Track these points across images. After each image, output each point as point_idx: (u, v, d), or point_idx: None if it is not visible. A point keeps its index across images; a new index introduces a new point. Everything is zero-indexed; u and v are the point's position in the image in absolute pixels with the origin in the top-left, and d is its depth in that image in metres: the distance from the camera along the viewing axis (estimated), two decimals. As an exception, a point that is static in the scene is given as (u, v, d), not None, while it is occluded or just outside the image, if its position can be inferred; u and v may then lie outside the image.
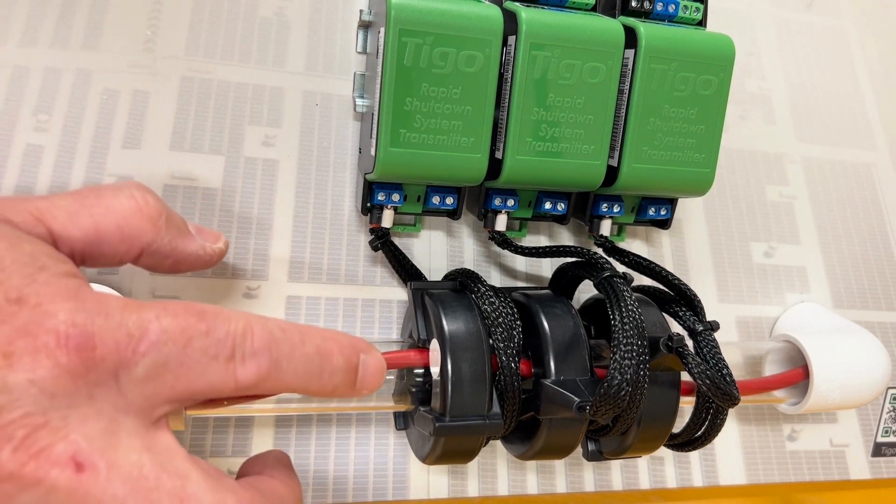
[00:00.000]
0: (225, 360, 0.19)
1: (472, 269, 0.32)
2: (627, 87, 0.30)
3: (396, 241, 0.32)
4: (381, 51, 0.27)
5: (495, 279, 0.34)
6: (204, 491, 0.19)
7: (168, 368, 0.19)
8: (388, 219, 0.30)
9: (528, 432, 0.28)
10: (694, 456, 0.35)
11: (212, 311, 0.20)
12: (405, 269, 0.32)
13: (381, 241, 0.31)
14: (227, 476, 0.20)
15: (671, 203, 0.33)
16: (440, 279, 0.31)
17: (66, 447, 0.17)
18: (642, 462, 0.35)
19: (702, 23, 0.32)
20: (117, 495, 0.17)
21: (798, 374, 0.32)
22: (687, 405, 0.30)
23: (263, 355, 0.20)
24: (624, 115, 0.30)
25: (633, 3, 0.30)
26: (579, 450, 0.30)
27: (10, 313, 0.17)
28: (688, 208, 0.37)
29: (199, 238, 0.25)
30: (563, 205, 0.32)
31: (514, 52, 0.28)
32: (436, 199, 0.30)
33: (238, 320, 0.20)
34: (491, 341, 0.26)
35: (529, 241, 0.34)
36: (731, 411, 0.33)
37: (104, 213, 0.22)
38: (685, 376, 0.28)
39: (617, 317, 0.26)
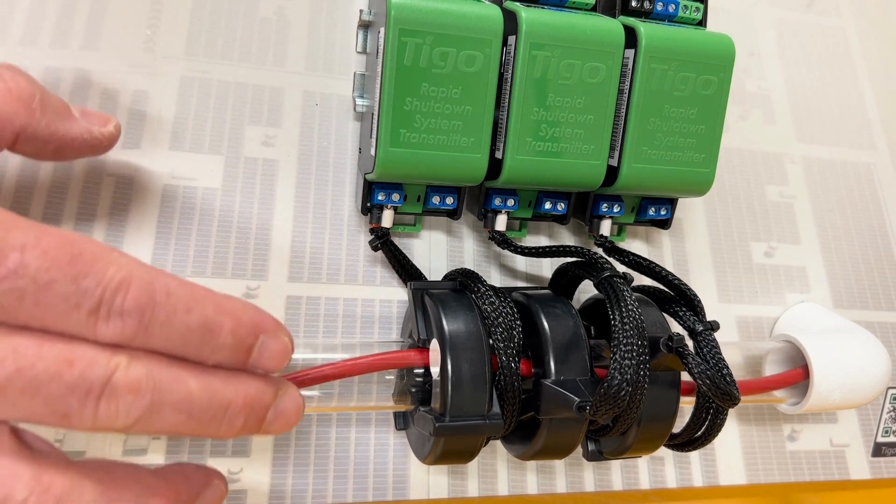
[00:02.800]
0: (87, 313, 0.17)
1: (472, 269, 0.32)
2: (627, 86, 0.30)
3: (396, 241, 0.32)
4: (381, 51, 0.27)
5: (495, 279, 0.34)
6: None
7: (18, 304, 0.17)
8: (388, 219, 0.30)
9: (528, 432, 0.28)
10: (694, 456, 0.35)
11: (91, 253, 0.18)
12: (405, 269, 0.32)
13: (381, 241, 0.31)
14: (59, 455, 0.19)
15: (671, 203, 0.33)
16: (440, 279, 0.31)
17: None
18: (642, 462, 0.35)
19: (702, 23, 0.32)
20: None
21: (798, 374, 0.32)
22: (687, 405, 0.30)
23: (132, 316, 0.18)
24: (624, 114, 0.30)
25: (633, 3, 0.30)
26: (579, 450, 0.30)
27: None
28: (688, 208, 0.37)
29: (84, 121, 0.23)
30: (563, 205, 0.32)
31: (514, 52, 0.28)
32: (436, 199, 0.30)
33: (117, 271, 0.18)
34: (491, 341, 0.26)
35: (529, 241, 0.34)
36: (731, 411, 0.33)
37: None
38: (685, 376, 0.28)
39: (617, 317, 0.26)
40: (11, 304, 0.17)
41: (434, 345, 0.26)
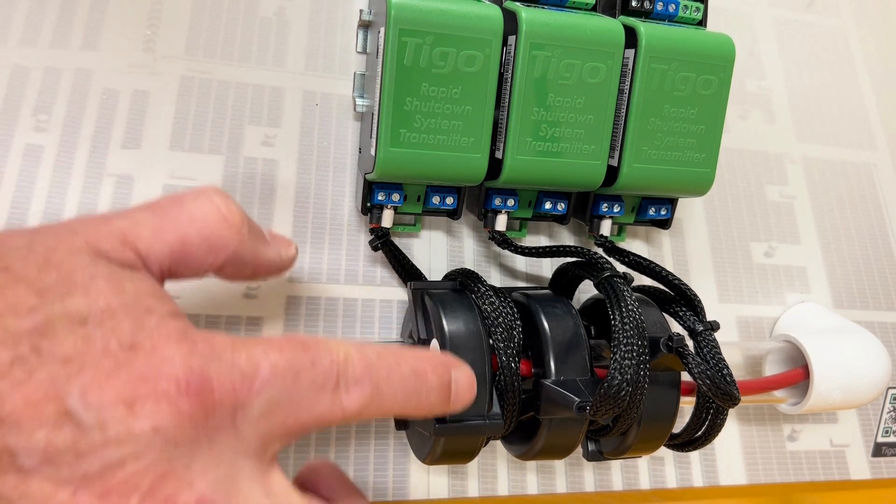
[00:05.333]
0: (332, 391, 0.20)
1: (472, 269, 0.32)
2: (627, 86, 0.30)
3: (396, 241, 0.32)
4: (381, 51, 0.27)
5: (495, 279, 0.34)
6: None
7: (281, 405, 0.19)
8: (388, 219, 0.30)
9: (528, 432, 0.28)
10: (694, 456, 0.35)
11: (313, 341, 0.20)
12: (405, 269, 0.32)
13: (381, 241, 0.31)
14: (350, 497, 0.21)
15: (671, 203, 0.33)
16: (440, 279, 0.31)
17: (191, 495, 0.17)
18: (642, 462, 0.35)
19: (702, 23, 0.32)
20: None
21: (798, 374, 0.32)
22: (687, 405, 0.30)
23: (365, 382, 0.20)
24: (624, 114, 0.30)
25: (634, 3, 0.30)
26: (579, 450, 0.30)
27: (126, 360, 0.17)
28: (688, 208, 0.37)
29: (275, 244, 0.24)
30: (563, 205, 0.32)
31: (514, 52, 0.28)
32: (436, 199, 0.30)
33: (338, 348, 0.20)
34: (491, 341, 0.26)
35: (529, 241, 0.34)
36: (731, 411, 0.33)
37: (188, 224, 0.21)
38: (685, 376, 0.28)
39: (617, 317, 0.26)
40: (272, 409, 0.19)
41: (434, 345, 0.26)
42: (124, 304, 0.18)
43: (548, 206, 0.32)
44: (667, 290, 0.30)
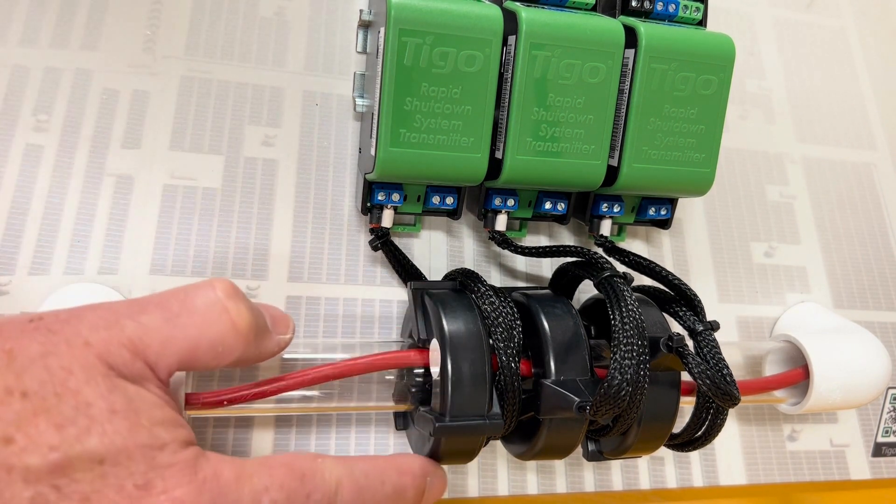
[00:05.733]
0: None
1: (472, 269, 0.32)
2: (627, 86, 0.30)
3: (396, 241, 0.32)
4: (381, 51, 0.27)
5: (495, 279, 0.34)
6: None
7: None
8: (388, 219, 0.30)
9: (528, 432, 0.28)
10: (694, 456, 0.35)
11: (310, 469, 0.21)
12: (405, 269, 0.32)
13: (381, 241, 0.31)
14: None
15: (671, 203, 0.33)
16: (440, 279, 0.31)
17: None
18: (642, 462, 0.35)
19: (702, 23, 0.32)
20: None
21: (798, 374, 0.32)
22: (687, 405, 0.30)
23: None
24: (624, 114, 0.30)
25: (633, 3, 0.30)
26: (579, 450, 0.30)
27: (139, 497, 0.18)
28: (688, 208, 0.37)
29: (275, 332, 0.24)
30: (563, 205, 0.32)
31: (514, 52, 0.28)
32: (436, 199, 0.30)
33: (331, 475, 0.22)
34: (491, 341, 0.26)
35: (529, 241, 0.34)
36: (731, 411, 0.33)
37: (198, 334, 0.21)
38: (685, 376, 0.28)
39: (617, 317, 0.26)
40: None
41: (434, 345, 0.26)
42: (139, 443, 0.19)
43: (548, 206, 0.32)
44: (667, 290, 0.30)
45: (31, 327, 0.19)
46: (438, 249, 0.33)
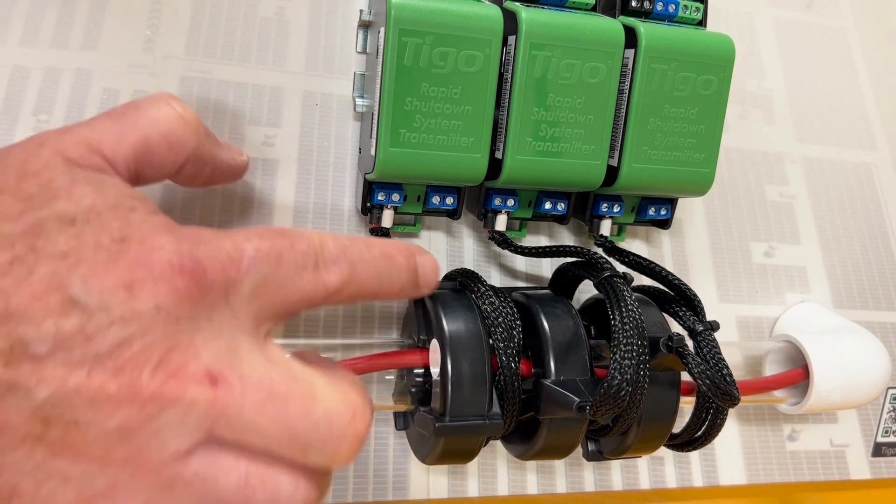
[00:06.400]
0: (312, 269, 0.21)
1: (472, 269, 0.32)
2: (627, 86, 0.30)
3: (396, 241, 0.32)
4: (381, 51, 0.27)
5: (495, 279, 0.34)
6: (331, 389, 0.20)
7: (268, 283, 0.20)
8: (388, 219, 0.30)
9: (528, 432, 0.28)
10: (694, 456, 0.35)
11: (289, 229, 0.21)
12: (405, 269, 0.32)
13: (381, 241, 0.31)
14: (338, 365, 0.22)
15: (671, 203, 0.33)
16: (440, 279, 0.31)
17: (199, 365, 0.18)
18: (642, 462, 0.35)
19: (702, 23, 0.32)
20: (256, 402, 0.18)
21: (798, 374, 0.32)
22: (687, 405, 0.30)
23: (342, 261, 0.21)
24: (624, 114, 0.30)
25: (633, 3, 0.30)
26: (579, 450, 0.30)
27: (119, 251, 0.18)
28: (688, 208, 0.37)
29: (227, 149, 0.26)
30: (563, 205, 0.32)
31: (514, 52, 0.28)
32: (436, 199, 0.30)
33: (313, 234, 0.21)
34: (491, 341, 0.26)
35: (529, 241, 0.34)
36: (731, 411, 0.33)
37: (148, 126, 0.22)
38: (685, 376, 0.28)
39: (617, 317, 0.26)
40: (261, 288, 0.20)
41: (434, 345, 0.26)
42: (107, 203, 0.19)
43: (548, 206, 0.32)
44: (667, 290, 0.30)
45: None
46: (438, 249, 0.33)
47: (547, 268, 0.35)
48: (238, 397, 0.18)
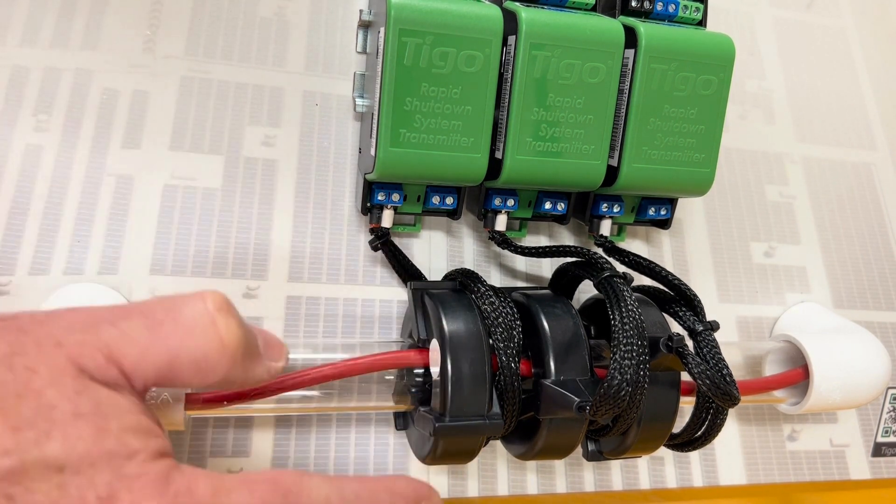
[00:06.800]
0: None
1: (472, 269, 0.32)
2: (627, 86, 0.30)
3: (396, 241, 0.32)
4: (381, 51, 0.27)
5: (495, 279, 0.34)
6: None
7: None
8: (388, 219, 0.30)
9: (528, 432, 0.28)
10: (694, 456, 0.35)
11: (295, 487, 0.19)
12: (405, 269, 0.32)
13: (381, 241, 0.31)
14: None
15: (671, 203, 0.33)
16: (440, 279, 0.31)
17: None
18: (642, 462, 0.35)
19: (702, 23, 0.32)
20: None
21: (798, 374, 0.32)
22: (687, 405, 0.30)
23: None
24: (624, 114, 0.30)
25: (633, 3, 0.30)
26: (579, 450, 0.30)
27: None
28: (688, 208, 0.37)
29: (267, 357, 0.23)
30: (563, 205, 0.32)
31: (514, 52, 0.28)
32: (436, 199, 0.30)
33: (318, 494, 0.20)
34: (491, 341, 0.26)
35: (529, 241, 0.34)
36: (731, 411, 0.33)
37: (180, 346, 0.19)
38: (685, 376, 0.28)
39: (617, 317, 0.26)
40: None
41: (434, 345, 0.26)
42: (104, 450, 0.17)
43: (548, 206, 0.32)
44: (667, 290, 0.30)
45: (1, 326, 0.18)
46: (438, 249, 0.33)
47: (547, 268, 0.35)
48: None
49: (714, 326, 0.28)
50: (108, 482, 0.17)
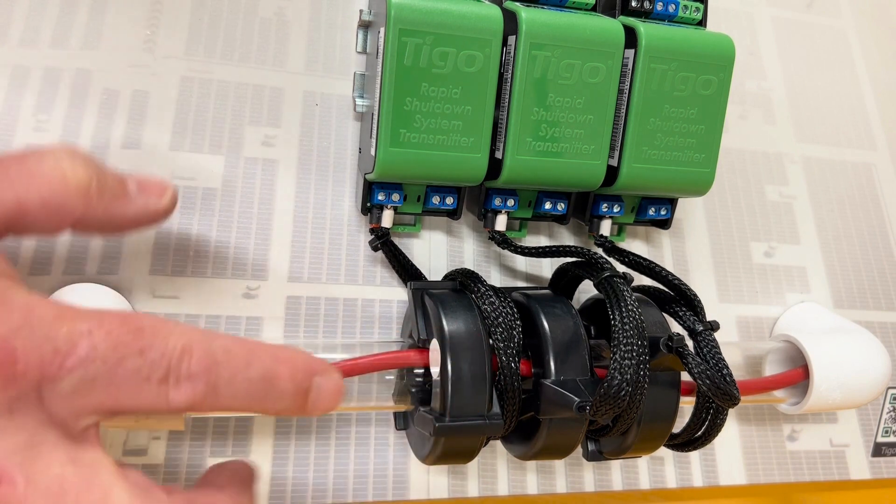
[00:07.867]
0: (157, 382, 0.19)
1: (472, 269, 0.32)
2: (627, 86, 0.30)
3: (396, 241, 0.32)
4: (381, 51, 0.27)
5: (495, 279, 0.34)
6: (128, 501, 0.18)
7: (96, 385, 0.18)
8: (388, 219, 0.30)
9: (528, 432, 0.28)
10: (694, 456, 0.35)
11: (151, 327, 0.19)
12: (405, 269, 0.32)
13: (381, 241, 0.31)
14: (158, 489, 0.20)
15: (671, 203, 0.33)
16: (440, 279, 0.31)
17: None
18: (642, 462, 0.35)
19: (702, 23, 0.32)
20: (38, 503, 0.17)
21: (798, 374, 0.32)
22: (687, 405, 0.30)
23: (200, 379, 0.19)
24: (624, 114, 0.30)
25: (633, 3, 0.30)
26: (579, 450, 0.30)
27: None
28: (688, 208, 0.37)
29: (141, 197, 0.23)
30: (563, 205, 0.32)
31: (514, 52, 0.28)
32: (436, 199, 0.30)
33: (178, 339, 0.19)
34: (491, 341, 0.26)
35: (529, 241, 0.34)
36: (731, 411, 0.33)
37: (26, 185, 0.19)
38: (685, 376, 0.28)
39: (617, 317, 0.26)
40: (86, 388, 0.18)
41: (434, 345, 0.26)
42: None
43: (548, 206, 0.32)
44: (667, 290, 0.30)
45: None
46: (438, 249, 0.33)
47: (547, 268, 0.35)
48: (18, 499, 0.17)
49: (714, 326, 0.28)
50: None
